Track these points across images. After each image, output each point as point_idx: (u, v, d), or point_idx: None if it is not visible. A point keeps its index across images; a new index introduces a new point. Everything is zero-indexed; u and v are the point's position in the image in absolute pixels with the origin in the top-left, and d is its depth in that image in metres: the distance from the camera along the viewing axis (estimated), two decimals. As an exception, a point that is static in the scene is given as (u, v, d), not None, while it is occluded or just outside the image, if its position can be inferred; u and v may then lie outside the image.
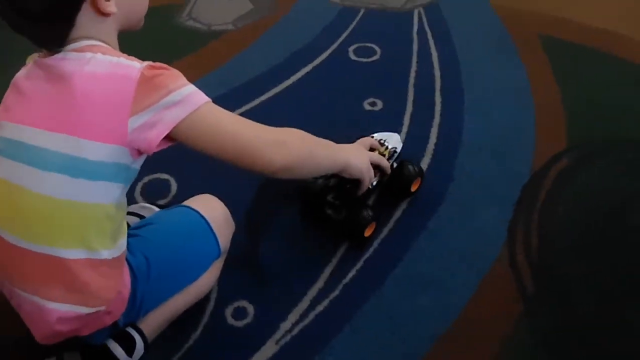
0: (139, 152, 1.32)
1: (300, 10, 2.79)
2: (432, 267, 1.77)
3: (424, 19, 2.65)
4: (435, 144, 2.11)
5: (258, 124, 1.42)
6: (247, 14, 2.79)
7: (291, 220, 1.91)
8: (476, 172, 2.02)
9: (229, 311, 1.68)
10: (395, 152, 1.89)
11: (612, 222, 1.89)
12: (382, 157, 1.82)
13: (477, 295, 1.69)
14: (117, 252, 1.40)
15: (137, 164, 1.37)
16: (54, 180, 1.28)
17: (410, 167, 1.89)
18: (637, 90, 2.36)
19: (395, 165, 1.88)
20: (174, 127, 1.29)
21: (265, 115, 2.16)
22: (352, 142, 1.80)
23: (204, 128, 1.35)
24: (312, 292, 1.71)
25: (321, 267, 1.77)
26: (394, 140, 1.91)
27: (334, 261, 1.79)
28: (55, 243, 1.31)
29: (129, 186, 1.39)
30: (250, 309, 1.68)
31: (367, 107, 2.26)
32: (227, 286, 1.73)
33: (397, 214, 1.90)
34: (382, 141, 1.89)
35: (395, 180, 1.88)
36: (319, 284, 1.73)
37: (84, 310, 1.37)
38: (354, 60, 2.45)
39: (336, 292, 1.71)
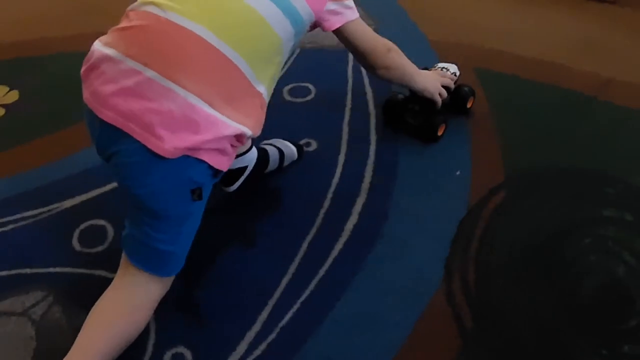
0: (313, 28, 1.89)
1: None
2: (370, 306, 1.76)
3: None
4: (370, 183, 2.11)
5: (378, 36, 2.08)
6: None
7: (228, 264, 1.90)
8: (412, 208, 2.03)
9: (167, 357, 1.66)
10: (455, 75, 2.38)
11: (550, 253, 1.91)
12: (450, 80, 2.33)
13: (415, 333, 1.69)
14: (265, 98, 1.70)
15: (300, 38, 1.82)
16: (268, 4, 1.65)
17: (466, 88, 2.38)
18: (574, 119, 2.41)
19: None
20: (346, 23, 1.93)
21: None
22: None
23: (359, 31, 2.00)
24: (250, 336, 1.70)
25: (258, 310, 1.76)
26: (453, 68, 2.40)
27: (271, 304, 1.78)
28: (239, 49, 1.57)
29: (287, 56, 1.80)
30: (189, 354, 1.67)
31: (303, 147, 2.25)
32: (164, 332, 1.71)
33: (334, 254, 1.90)
34: (445, 69, 2.38)
35: (454, 99, 2.35)
36: (256, 327, 1.72)
37: (229, 126, 1.55)
38: (289, 101, 2.45)
39: (273, 336, 1.70)
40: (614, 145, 2.31)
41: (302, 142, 2.25)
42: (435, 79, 2.26)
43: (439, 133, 2.28)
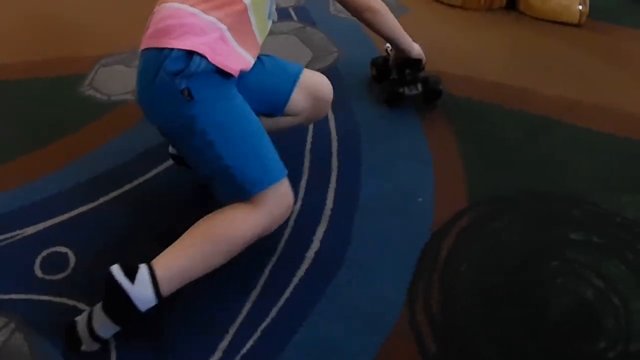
0: None
1: None
2: (333, 331, 1.74)
3: None
4: (332, 209, 2.09)
5: None
6: None
7: (188, 292, 1.86)
8: (375, 234, 2.01)
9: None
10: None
11: (516, 277, 1.89)
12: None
13: (379, 358, 1.67)
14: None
15: None
16: None
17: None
18: (539, 142, 2.41)
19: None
20: None
21: (154, 190, 2.21)
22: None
23: None
24: (210, 365, 1.67)
25: (219, 338, 1.73)
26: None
27: (232, 332, 1.74)
28: None
29: None
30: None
31: None
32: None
33: (295, 280, 1.88)
34: None
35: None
36: (217, 355, 1.69)
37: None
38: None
39: (234, 364, 1.66)
40: (580, 167, 2.31)
41: None
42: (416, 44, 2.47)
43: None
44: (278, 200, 1.76)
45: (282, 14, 3.14)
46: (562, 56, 3.01)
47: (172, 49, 1.66)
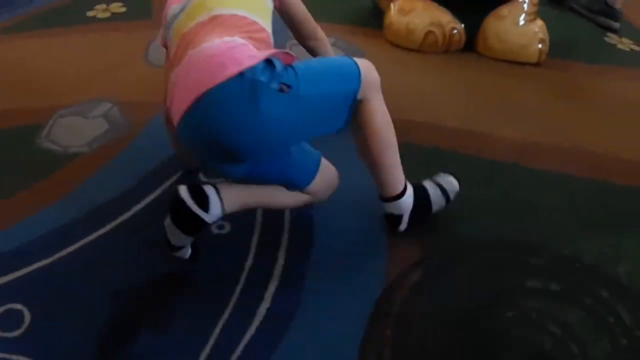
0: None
1: (153, 130, 2.73)
2: (285, 389, 1.70)
3: None
4: (283, 265, 2.07)
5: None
6: (102, 134, 2.72)
7: (138, 350, 1.86)
8: (326, 289, 2.00)
9: None
10: None
11: (470, 330, 1.88)
12: None
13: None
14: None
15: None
16: None
17: None
18: (494, 187, 2.41)
19: None
20: None
21: (111, 245, 2.18)
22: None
23: (298, 3, 2.36)
24: None
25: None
26: None
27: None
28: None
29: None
30: None
31: (215, 230, 2.20)
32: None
33: (246, 338, 1.86)
34: None
35: None
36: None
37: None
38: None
39: None
40: (538, 212, 2.31)
41: (216, 224, 2.19)
42: None
43: None
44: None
45: None
46: (522, 97, 3.01)
47: (252, 66, 1.79)
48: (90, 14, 3.78)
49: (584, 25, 3.92)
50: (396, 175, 2.12)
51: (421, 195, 2.18)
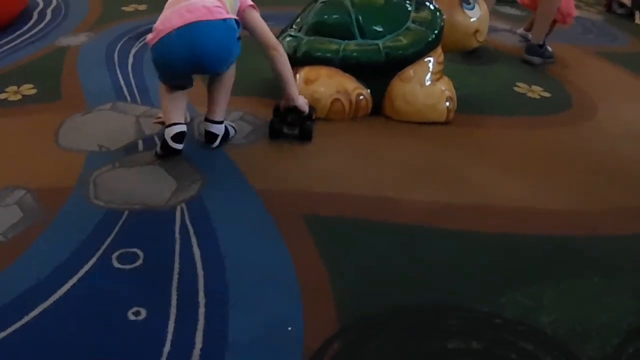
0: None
1: (67, 214, 2.67)
2: None
3: (186, 215, 2.61)
4: (202, 349, 2.02)
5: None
6: (17, 222, 2.64)
7: None
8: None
9: None
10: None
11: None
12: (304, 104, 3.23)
13: None
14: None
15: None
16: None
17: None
18: (407, 253, 2.41)
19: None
20: (242, 11, 3.05)
21: (28, 340, 2.09)
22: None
23: (255, 20, 3.09)
24: None
25: None
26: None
27: None
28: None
29: None
30: None
31: (132, 317, 2.15)
32: None
33: None
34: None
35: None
36: None
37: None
38: (117, 268, 2.35)
39: None
40: (453, 273, 2.33)
41: (131, 311, 2.16)
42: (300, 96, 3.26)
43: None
44: None
45: (148, 143, 3.16)
46: (431, 157, 3.06)
47: (231, 18, 2.88)
48: (1, 96, 3.77)
49: (493, 77, 4.01)
50: (223, 108, 3.10)
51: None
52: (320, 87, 3.36)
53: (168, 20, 2.83)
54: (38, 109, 3.60)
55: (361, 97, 3.38)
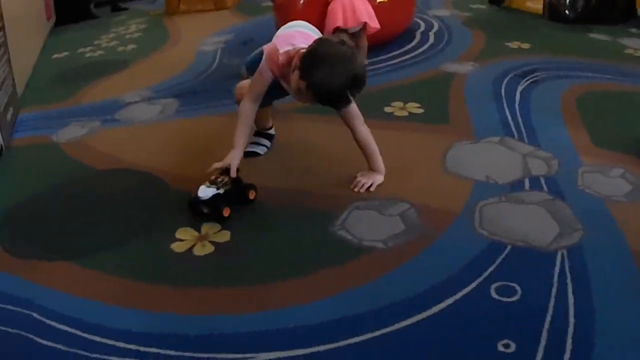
0: None
1: (448, 239, 2.85)
2: None
3: (566, 262, 2.64)
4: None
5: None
6: (398, 233, 2.89)
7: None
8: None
9: None
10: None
11: None
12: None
13: None
14: None
15: None
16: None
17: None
18: None
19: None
20: None
21: (397, 346, 2.30)
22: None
23: None
24: None
25: None
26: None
27: None
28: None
29: None
30: None
31: (501, 348, 2.25)
32: None
33: None
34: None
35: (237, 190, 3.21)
36: None
37: None
38: (495, 299, 2.47)
39: None
40: None
41: (502, 342, 2.27)
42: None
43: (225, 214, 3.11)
44: None
45: (534, 183, 3.25)
46: None
47: None
48: (387, 109, 4.08)
49: None
50: None
51: None
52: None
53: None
54: (425, 129, 3.89)
55: None
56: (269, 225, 3.10)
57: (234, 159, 3.19)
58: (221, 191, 3.09)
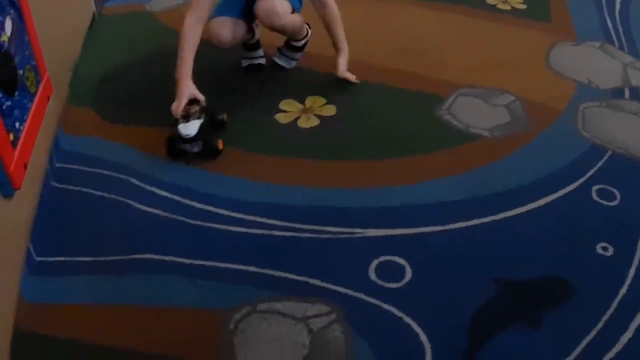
0: None
1: (551, 136, 2.88)
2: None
3: None
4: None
5: None
6: (503, 125, 2.94)
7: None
8: None
9: None
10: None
11: None
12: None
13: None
14: None
15: None
16: None
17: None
18: None
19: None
20: None
21: (497, 236, 2.34)
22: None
23: None
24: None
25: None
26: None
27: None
28: None
29: None
30: None
31: (600, 250, 2.30)
32: None
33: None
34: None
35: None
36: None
37: None
38: (596, 201, 2.51)
39: None
40: None
41: (600, 244, 2.33)
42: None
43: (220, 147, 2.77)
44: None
45: (633, 93, 3.25)
46: None
47: None
48: (490, 1, 4.02)
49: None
50: None
51: None
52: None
53: None
54: (527, 25, 3.83)
55: None
56: (373, 103, 3.14)
57: (192, 89, 2.83)
58: (202, 120, 2.75)
